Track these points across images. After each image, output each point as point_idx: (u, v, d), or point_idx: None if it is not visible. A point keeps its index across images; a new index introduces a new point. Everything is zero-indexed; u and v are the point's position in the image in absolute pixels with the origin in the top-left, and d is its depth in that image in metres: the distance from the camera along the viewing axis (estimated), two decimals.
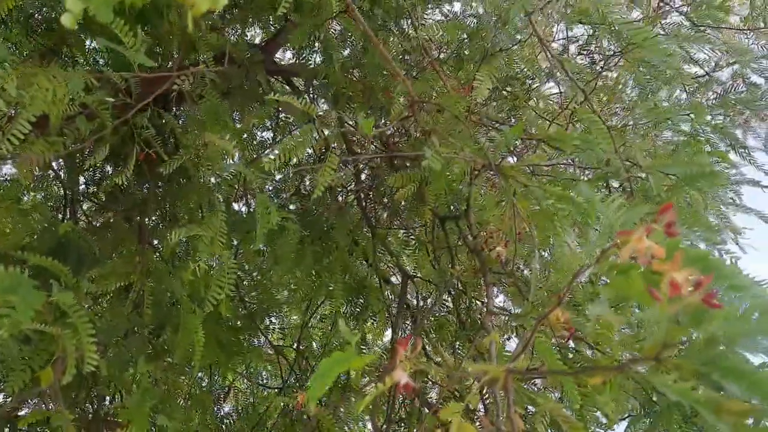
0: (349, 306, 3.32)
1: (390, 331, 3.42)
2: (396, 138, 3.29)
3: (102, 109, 2.16)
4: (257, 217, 2.06)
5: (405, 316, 3.08)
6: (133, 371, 2.41)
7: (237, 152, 2.71)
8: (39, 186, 3.26)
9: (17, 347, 1.70)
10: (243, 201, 3.56)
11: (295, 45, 3.12)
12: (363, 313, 3.31)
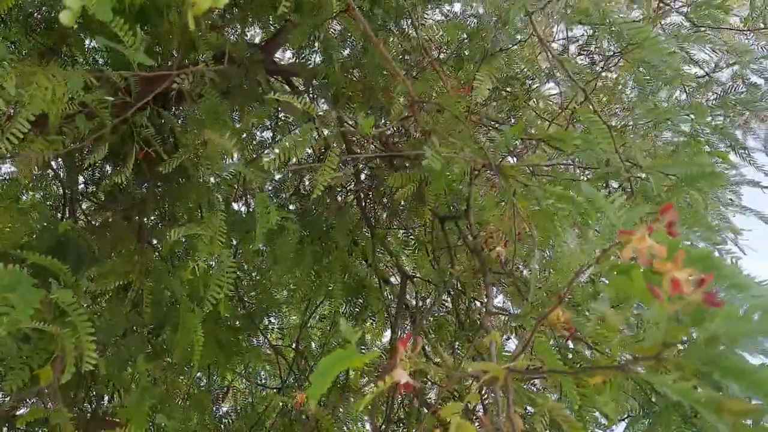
0: (349, 306, 3.32)
1: (389, 332, 3.42)
2: (396, 138, 3.29)
3: (101, 108, 2.16)
4: (257, 217, 2.05)
5: (404, 317, 3.08)
6: (132, 370, 2.40)
7: (236, 152, 2.70)
8: (38, 185, 3.26)
9: (16, 346, 1.70)
10: (242, 201, 3.56)
11: (295, 45, 3.11)
12: (362, 313, 3.30)
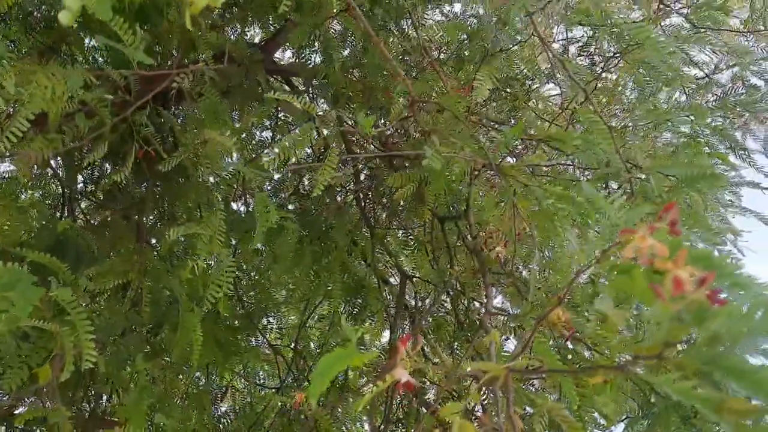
0: (348, 306, 3.31)
1: (388, 332, 3.42)
2: (395, 138, 3.29)
3: (101, 107, 2.15)
4: (256, 216, 2.05)
5: (403, 317, 3.08)
6: (131, 369, 2.40)
7: (236, 151, 2.70)
8: (37, 184, 3.25)
9: (15, 344, 1.69)
10: (242, 200, 3.56)
11: (295, 44, 3.11)
12: (361, 314, 3.30)
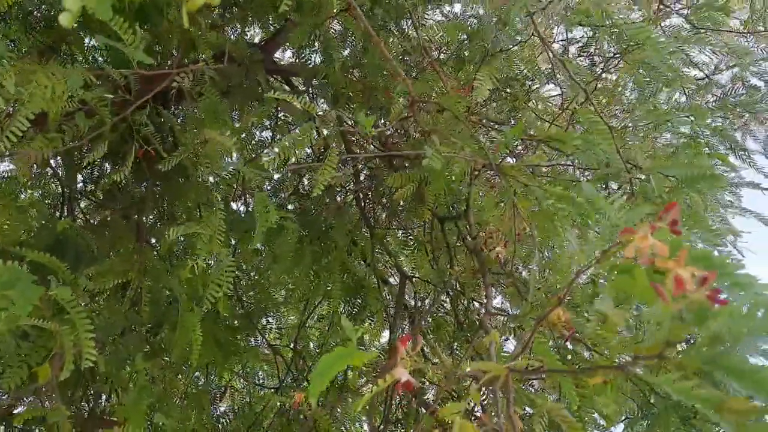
0: (347, 306, 3.31)
1: (387, 332, 3.41)
2: (395, 138, 3.29)
3: (101, 106, 2.15)
4: (256, 216, 2.05)
5: (403, 317, 3.07)
6: (130, 369, 2.40)
7: (236, 151, 2.70)
8: (37, 183, 3.25)
9: (14, 343, 1.69)
10: (241, 200, 3.56)
11: (295, 44, 3.11)
12: (361, 314, 3.30)
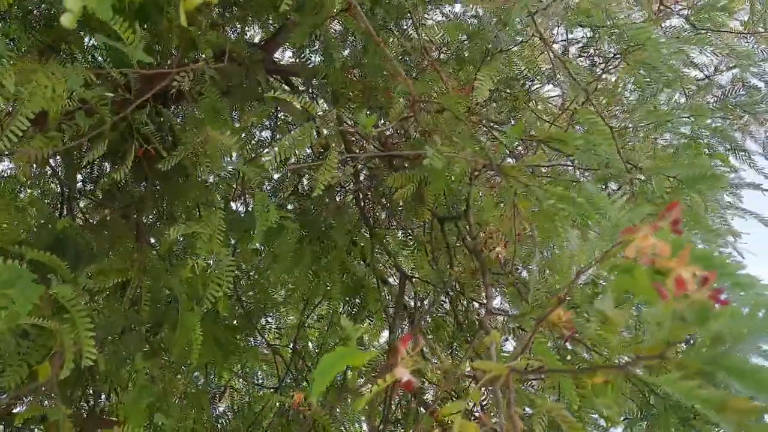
0: (347, 306, 3.31)
1: (386, 332, 3.41)
2: (395, 139, 3.29)
3: (101, 105, 2.15)
4: (256, 216, 2.05)
5: (402, 317, 3.07)
6: (130, 369, 2.39)
7: (236, 150, 2.70)
8: (36, 182, 3.25)
9: (14, 342, 1.69)
10: (241, 200, 3.56)
11: (296, 44, 3.11)
12: (360, 314, 3.30)
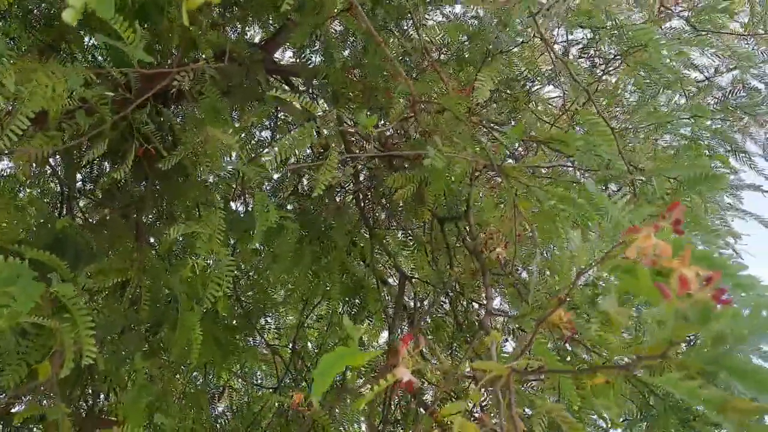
0: (346, 306, 3.31)
1: (386, 333, 3.41)
2: (395, 139, 3.28)
3: (101, 104, 2.15)
4: (256, 215, 2.05)
5: (402, 317, 3.07)
6: (129, 368, 2.39)
7: (236, 150, 2.69)
8: (36, 182, 3.24)
9: (14, 340, 1.68)
10: (241, 200, 3.55)
11: (296, 44, 3.11)
12: (360, 314, 3.30)
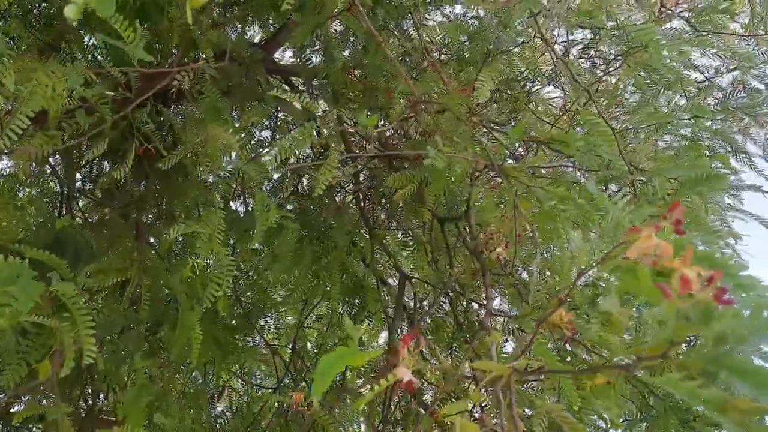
0: (346, 306, 3.31)
1: (385, 333, 3.41)
2: (395, 139, 3.28)
3: (101, 104, 2.15)
4: (256, 215, 2.05)
5: (402, 318, 3.07)
6: (129, 368, 2.39)
7: (236, 149, 2.69)
8: (35, 181, 3.24)
9: (14, 340, 1.68)
10: (241, 200, 3.55)
11: (296, 44, 3.10)
12: (360, 314, 3.29)
